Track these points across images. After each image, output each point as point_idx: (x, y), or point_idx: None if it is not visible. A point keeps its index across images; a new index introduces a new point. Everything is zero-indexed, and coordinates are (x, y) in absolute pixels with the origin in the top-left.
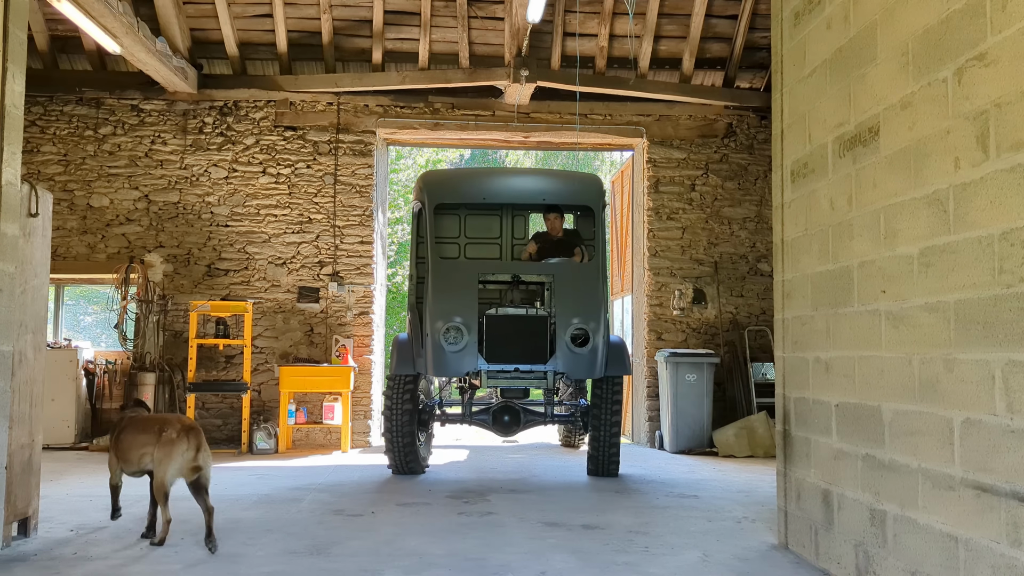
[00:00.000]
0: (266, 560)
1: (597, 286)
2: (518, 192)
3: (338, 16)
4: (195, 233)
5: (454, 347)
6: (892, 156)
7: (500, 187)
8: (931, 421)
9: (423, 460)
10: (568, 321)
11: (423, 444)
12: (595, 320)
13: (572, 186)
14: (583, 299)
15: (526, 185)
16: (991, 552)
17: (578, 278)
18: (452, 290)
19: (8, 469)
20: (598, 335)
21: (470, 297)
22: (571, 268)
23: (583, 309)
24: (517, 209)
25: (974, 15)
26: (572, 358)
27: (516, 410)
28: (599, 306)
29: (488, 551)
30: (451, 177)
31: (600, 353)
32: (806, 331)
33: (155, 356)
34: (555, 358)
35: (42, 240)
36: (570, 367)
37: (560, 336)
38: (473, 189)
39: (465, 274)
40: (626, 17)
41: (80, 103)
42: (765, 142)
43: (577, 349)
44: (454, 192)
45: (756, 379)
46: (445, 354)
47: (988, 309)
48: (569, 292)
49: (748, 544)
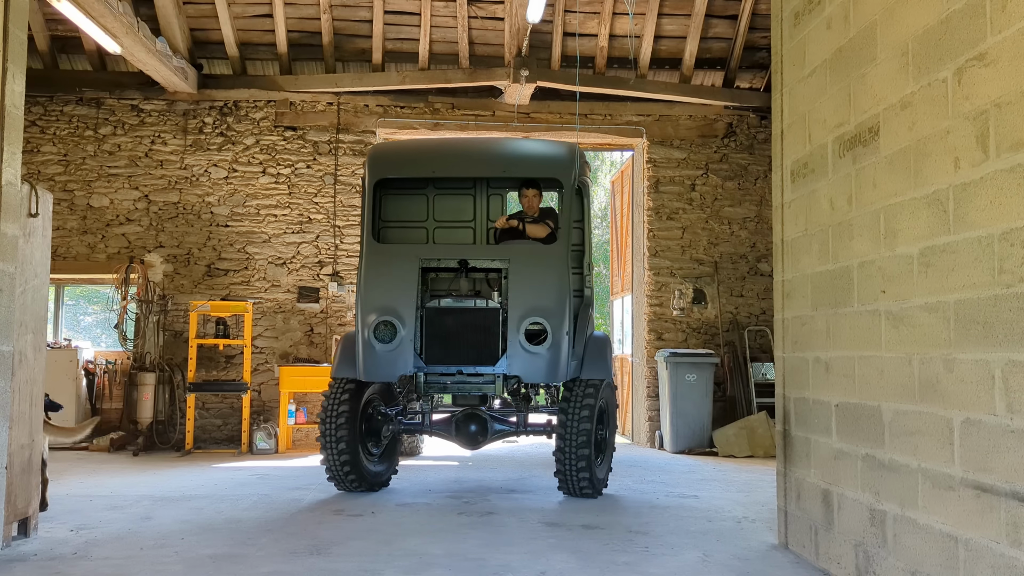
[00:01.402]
0: (266, 560)
1: (560, 273)
2: (474, 164)
3: (338, 16)
4: (195, 233)
5: (386, 345)
6: (892, 156)
7: (453, 159)
8: (931, 421)
9: (377, 475)
10: (522, 314)
11: (377, 457)
12: (557, 314)
13: (538, 156)
14: (542, 288)
15: (484, 156)
16: (991, 552)
17: (538, 263)
18: (387, 279)
19: (8, 469)
20: (561, 331)
21: (408, 287)
22: (529, 252)
23: (542, 300)
24: (492, 187)
25: (974, 15)
26: (526, 359)
27: (483, 419)
28: (562, 297)
29: (488, 551)
30: (397, 149)
31: (563, 352)
32: (806, 331)
33: (155, 356)
34: (506, 358)
35: (42, 240)
36: (524, 369)
37: (513, 332)
38: (422, 162)
39: (403, 260)
40: (626, 17)
41: (80, 103)
42: (765, 142)
43: (532, 348)
44: (399, 165)
45: (756, 379)
46: (375, 353)
47: (988, 309)
48: (526, 280)
49: (748, 544)
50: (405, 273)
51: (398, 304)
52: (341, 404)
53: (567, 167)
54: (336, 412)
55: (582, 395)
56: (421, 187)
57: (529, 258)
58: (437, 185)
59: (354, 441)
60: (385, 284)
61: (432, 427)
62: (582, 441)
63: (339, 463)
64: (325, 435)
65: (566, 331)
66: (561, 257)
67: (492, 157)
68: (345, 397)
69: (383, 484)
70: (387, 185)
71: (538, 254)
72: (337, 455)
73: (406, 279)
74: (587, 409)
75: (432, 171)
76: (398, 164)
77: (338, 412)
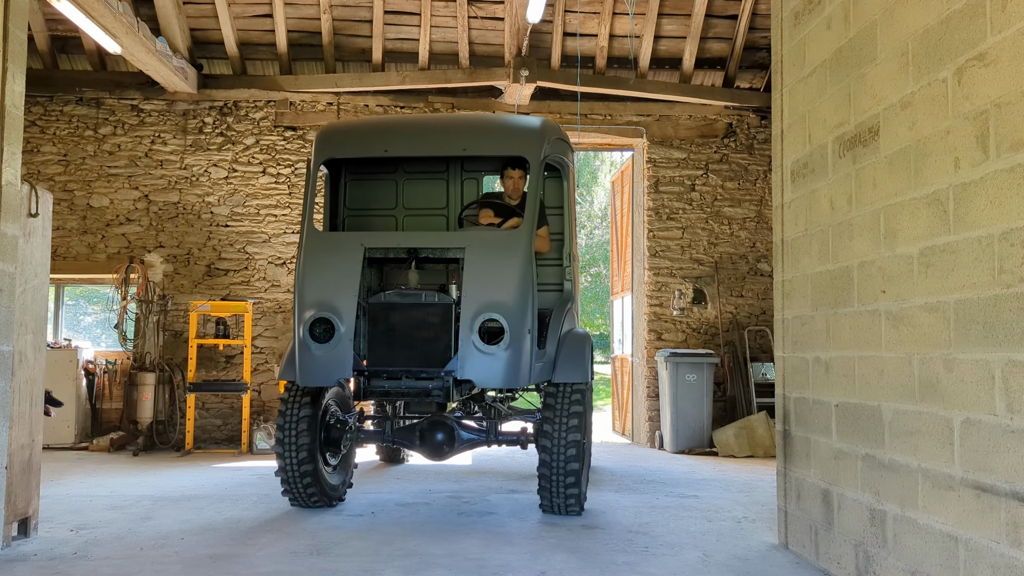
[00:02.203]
0: (266, 560)
1: (522, 263)
2: (432, 142)
3: (338, 16)
4: (195, 233)
5: (323, 345)
6: (892, 156)
7: (409, 137)
8: (931, 421)
9: (335, 488)
10: (477, 310)
11: (335, 469)
12: (517, 309)
13: (501, 131)
14: (501, 280)
15: (442, 133)
16: (991, 552)
17: (496, 252)
18: (327, 270)
19: (8, 469)
20: (521, 329)
21: (349, 279)
22: (487, 239)
23: (500, 294)
24: (468, 170)
25: (974, 15)
26: (480, 360)
27: (450, 427)
28: (524, 290)
29: (488, 551)
30: (347, 128)
31: (525, 354)
32: (806, 331)
33: (155, 356)
34: (457, 360)
35: (42, 240)
36: (479, 372)
37: (466, 330)
38: (373, 141)
39: (344, 248)
40: (626, 17)
41: (80, 103)
42: (765, 142)
43: (487, 348)
44: (348, 145)
45: (756, 379)
46: (311, 354)
47: (988, 309)
48: (483, 271)
49: (748, 544)
50: (347, 263)
51: (337, 299)
52: (302, 409)
53: (534, 143)
54: (297, 418)
55: (568, 401)
56: (389, 171)
57: (488, 246)
58: (407, 169)
59: (315, 451)
60: (325, 276)
61: (395, 436)
62: (571, 455)
63: (299, 475)
64: (284, 444)
65: (527, 328)
66: (524, 245)
67: (451, 134)
68: (307, 401)
69: (340, 499)
70: (353, 171)
71: (498, 242)
72: (298, 466)
73: (348, 270)
74: (575, 417)
75: (384, 150)
76: (347, 144)
77: (299, 418)
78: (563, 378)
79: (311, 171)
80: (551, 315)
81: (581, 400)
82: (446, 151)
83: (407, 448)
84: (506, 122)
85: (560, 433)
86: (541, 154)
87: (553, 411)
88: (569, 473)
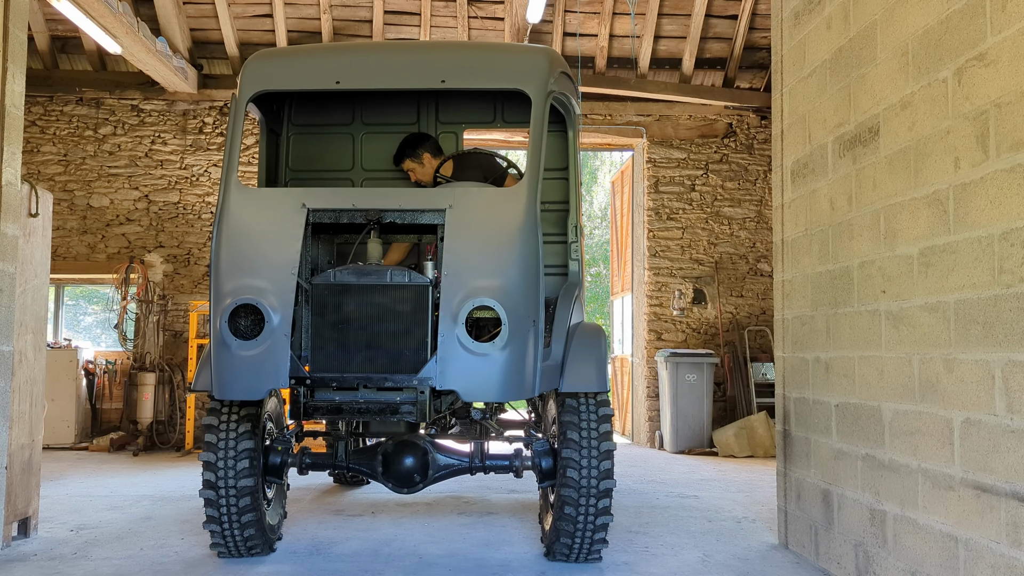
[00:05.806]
0: (266, 560)
1: (526, 229)
2: (400, 72)
3: (338, 16)
4: (195, 233)
5: (248, 344)
6: (892, 156)
7: (369, 66)
8: (931, 421)
9: (272, 529)
10: (465, 294)
11: (270, 503)
12: (520, 293)
13: (495, 61)
14: (496, 252)
15: (415, 61)
16: (991, 552)
17: (490, 215)
18: (254, 240)
19: (8, 469)
20: (525, 319)
21: (285, 251)
22: (479, 197)
23: (494, 270)
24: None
25: (974, 15)
26: (467, 364)
27: (422, 449)
28: (527, 266)
29: (488, 551)
30: (287, 54)
31: (530, 354)
32: (806, 331)
33: (155, 356)
34: (436, 363)
35: (42, 240)
36: (464, 380)
37: (448, 322)
38: (320, 69)
39: (280, 210)
40: (626, 17)
41: (80, 103)
42: (765, 142)
43: (477, 346)
44: (286, 75)
45: (756, 379)
46: (231, 355)
47: (988, 309)
48: (472, 240)
49: (748, 544)
50: (283, 230)
51: (268, 279)
52: (240, 438)
53: (537, 74)
54: (235, 451)
55: (596, 418)
56: (344, 122)
57: (477, 208)
58: (366, 120)
59: (259, 493)
60: (251, 248)
61: (350, 461)
62: (605, 489)
63: (240, 523)
64: (217, 487)
65: (533, 319)
66: (527, 206)
67: (427, 62)
68: (246, 427)
69: (279, 538)
70: (297, 121)
71: (491, 200)
72: (238, 516)
73: (283, 239)
74: (607, 440)
75: (336, 82)
76: (286, 73)
77: (237, 451)
78: (576, 386)
79: (236, 110)
80: (555, 304)
81: (609, 417)
82: (419, 84)
83: (367, 477)
84: (499, 47)
85: (592, 462)
86: (547, 87)
87: (579, 432)
88: (601, 513)
